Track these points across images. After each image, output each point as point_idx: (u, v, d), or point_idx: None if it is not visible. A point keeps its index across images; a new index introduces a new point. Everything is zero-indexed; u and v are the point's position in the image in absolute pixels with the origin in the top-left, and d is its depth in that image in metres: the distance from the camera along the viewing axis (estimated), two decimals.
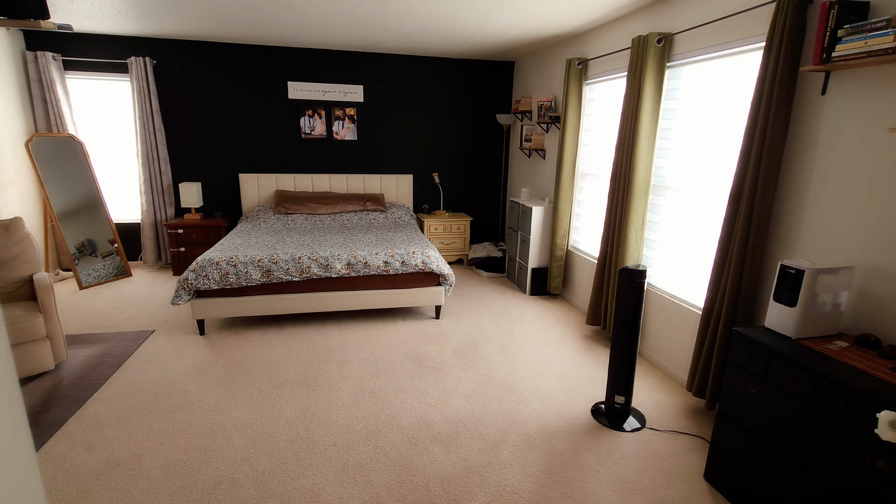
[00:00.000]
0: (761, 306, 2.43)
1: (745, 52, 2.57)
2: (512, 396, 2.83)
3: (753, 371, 1.91)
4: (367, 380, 2.98)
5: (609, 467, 2.24)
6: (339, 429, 2.47)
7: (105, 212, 4.87)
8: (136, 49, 4.81)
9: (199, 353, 3.29)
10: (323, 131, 5.44)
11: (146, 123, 4.88)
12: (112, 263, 4.88)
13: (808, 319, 1.88)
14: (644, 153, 3.19)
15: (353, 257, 3.70)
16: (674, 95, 3.12)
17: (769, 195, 2.29)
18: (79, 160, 4.72)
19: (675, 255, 3.17)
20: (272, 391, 2.82)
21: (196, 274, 3.43)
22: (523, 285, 4.79)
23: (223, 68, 5.07)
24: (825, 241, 2.14)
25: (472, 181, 6.06)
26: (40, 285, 2.92)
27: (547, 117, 4.66)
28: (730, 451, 2.03)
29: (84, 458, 2.21)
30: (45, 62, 4.50)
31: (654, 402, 2.82)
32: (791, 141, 2.28)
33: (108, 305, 4.16)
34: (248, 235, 4.33)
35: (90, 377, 2.93)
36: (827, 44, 1.95)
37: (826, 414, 1.62)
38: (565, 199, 4.32)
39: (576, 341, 3.64)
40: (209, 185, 5.33)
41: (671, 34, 3.01)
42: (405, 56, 5.45)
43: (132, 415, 2.56)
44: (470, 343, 3.55)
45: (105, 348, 3.33)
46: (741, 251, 2.40)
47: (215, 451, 2.27)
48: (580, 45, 4.21)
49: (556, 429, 2.53)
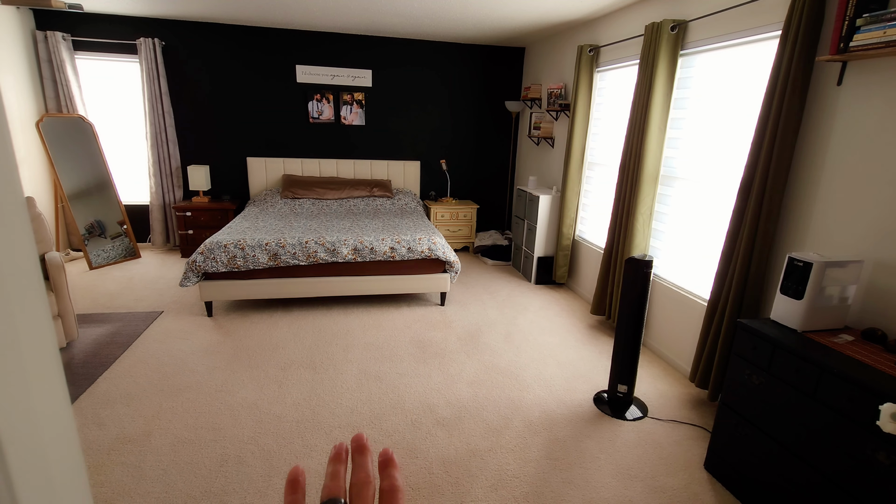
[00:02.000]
0: (768, 299, 2.43)
1: (761, 41, 2.53)
2: (515, 383, 2.85)
3: (757, 362, 1.91)
4: (372, 364, 3.01)
5: (610, 454, 2.26)
6: (344, 411, 2.51)
7: (114, 193, 4.91)
8: (146, 30, 4.80)
9: (206, 335, 3.33)
10: (331, 116, 5.42)
11: (155, 105, 4.89)
12: (121, 244, 4.93)
13: (815, 312, 1.87)
14: (654, 143, 3.16)
15: (359, 243, 3.71)
16: (686, 84, 3.08)
17: (779, 187, 2.26)
18: (88, 141, 4.74)
19: (682, 246, 3.15)
20: (278, 373, 2.86)
21: (204, 256, 3.46)
22: (529, 274, 4.79)
23: (232, 51, 5.05)
24: (835, 234, 2.12)
25: (479, 168, 6.04)
26: (52, 265, 2.96)
27: (556, 105, 4.61)
28: (731, 441, 2.04)
29: (95, 433, 2.27)
30: (55, 42, 4.50)
31: (656, 391, 2.83)
32: (804, 132, 2.25)
33: (118, 286, 4.21)
34: (255, 219, 4.35)
35: (101, 356, 2.99)
36: (845, 33, 1.91)
37: (829, 406, 1.63)
38: (573, 188, 4.30)
39: (580, 331, 3.65)
40: (217, 168, 5.35)
41: (685, 21, 2.96)
42: (414, 41, 5.40)
43: (141, 393, 2.61)
44: (474, 330, 3.57)
45: (115, 328, 3.38)
46: (749, 243, 2.38)
47: (223, 430, 2.32)
48: (592, 32, 4.14)
49: (559, 416, 2.55)
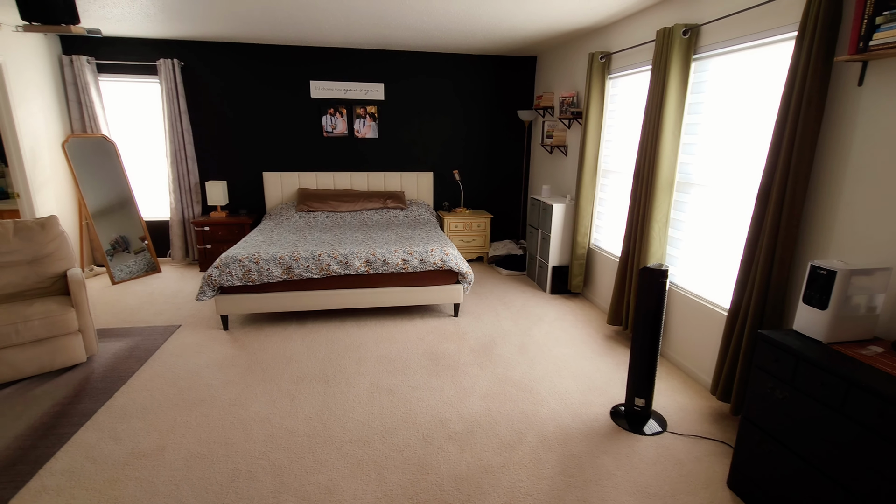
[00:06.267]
0: (791, 307, 2.33)
1: (776, 43, 2.46)
2: (529, 397, 2.80)
3: (780, 376, 1.83)
4: (385, 377, 2.99)
5: (627, 471, 2.19)
6: (356, 425, 2.49)
7: (136, 210, 5.05)
8: (165, 51, 4.95)
9: (222, 348, 3.37)
10: (345, 129, 5.49)
11: (174, 124, 5.02)
12: (143, 259, 5.05)
13: (840, 323, 1.79)
14: (668, 149, 3.09)
15: (372, 255, 3.72)
16: (700, 89, 3.02)
17: (800, 192, 2.18)
18: (111, 160, 4.89)
19: (700, 254, 3.07)
20: (291, 387, 2.86)
21: (220, 271, 3.51)
22: (543, 284, 4.73)
23: (248, 69, 5.17)
24: (860, 240, 2.03)
25: (492, 178, 6.02)
26: (73, 281, 3.04)
27: (569, 113, 4.57)
28: (755, 458, 1.95)
29: (111, 448, 2.29)
30: (80, 65, 4.67)
31: (676, 405, 2.74)
32: (824, 135, 2.17)
33: (138, 300, 4.30)
34: (270, 233, 4.41)
35: (119, 370, 3.04)
36: (864, 32, 1.85)
37: (858, 422, 1.54)
38: (587, 196, 4.24)
39: (596, 341, 3.57)
40: (234, 183, 5.45)
41: (698, 25, 2.91)
42: (426, 53, 5.44)
43: (157, 407, 2.64)
44: (488, 342, 3.53)
45: (134, 342, 3.44)
46: (770, 250, 2.30)
47: (235, 445, 2.32)
48: (603, 39, 4.11)
49: (574, 430, 2.48)
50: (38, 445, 2.30)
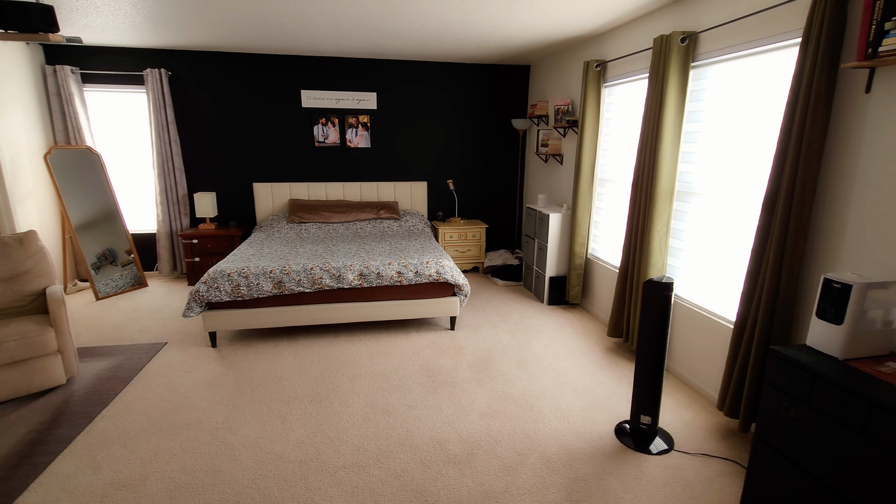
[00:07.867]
0: (799, 321, 2.26)
1: (778, 50, 2.41)
2: (530, 414, 2.69)
3: (796, 395, 1.75)
4: (380, 395, 2.88)
5: (636, 495, 2.09)
6: (350, 449, 2.37)
7: (122, 222, 4.90)
8: (152, 61, 4.84)
9: (209, 367, 3.23)
10: (336, 139, 5.40)
11: (162, 134, 4.90)
12: (129, 273, 4.90)
13: (857, 338, 1.71)
14: (668, 157, 3.04)
15: (365, 268, 3.61)
16: (699, 97, 2.97)
17: (807, 201, 2.12)
18: (96, 172, 4.76)
19: (702, 265, 3.00)
20: (282, 407, 2.74)
21: (207, 286, 3.39)
22: (541, 294, 4.64)
23: (237, 78, 5.07)
24: (873, 251, 1.97)
25: (487, 187, 5.95)
26: (52, 299, 2.90)
27: (564, 121, 4.52)
28: (769, 481, 1.86)
29: (90, 478, 2.16)
30: (64, 75, 4.55)
31: (682, 421, 2.65)
32: (831, 143, 2.11)
33: (123, 317, 4.15)
34: (260, 245, 4.29)
35: (101, 392, 2.89)
36: (872, 38, 1.80)
37: (882, 445, 1.46)
38: (584, 205, 4.18)
39: (597, 354, 3.48)
40: (224, 194, 5.33)
41: (696, 32, 2.87)
42: (418, 62, 5.39)
43: (140, 432, 2.50)
44: (486, 356, 3.43)
45: (117, 361, 3.30)
46: (777, 262, 2.23)
47: (222, 473, 2.19)
48: (598, 47, 4.07)
49: (578, 450, 2.38)
50: (11, 477, 2.15)
